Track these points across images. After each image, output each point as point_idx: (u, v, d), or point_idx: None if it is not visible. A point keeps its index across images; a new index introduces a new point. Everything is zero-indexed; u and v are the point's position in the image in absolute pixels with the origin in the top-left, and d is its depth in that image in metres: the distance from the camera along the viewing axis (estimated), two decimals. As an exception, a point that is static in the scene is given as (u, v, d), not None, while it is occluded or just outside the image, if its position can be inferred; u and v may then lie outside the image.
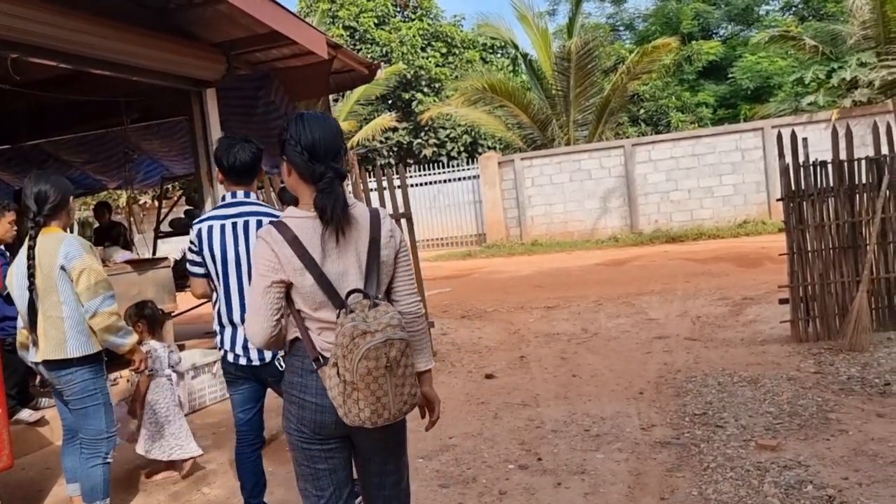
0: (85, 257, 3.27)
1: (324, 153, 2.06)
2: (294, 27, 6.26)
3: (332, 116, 2.35)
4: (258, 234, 2.13)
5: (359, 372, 1.92)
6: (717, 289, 9.08)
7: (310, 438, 2.14)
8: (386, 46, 22.57)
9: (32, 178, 3.38)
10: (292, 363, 2.15)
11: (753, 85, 22.65)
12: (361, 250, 2.10)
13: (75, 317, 3.27)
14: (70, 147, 8.59)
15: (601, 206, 17.50)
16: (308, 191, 2.09)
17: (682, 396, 4.90)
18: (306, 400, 2.11)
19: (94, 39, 5.12)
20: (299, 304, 2.09)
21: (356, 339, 1.92)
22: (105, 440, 3.38)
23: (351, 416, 1.97)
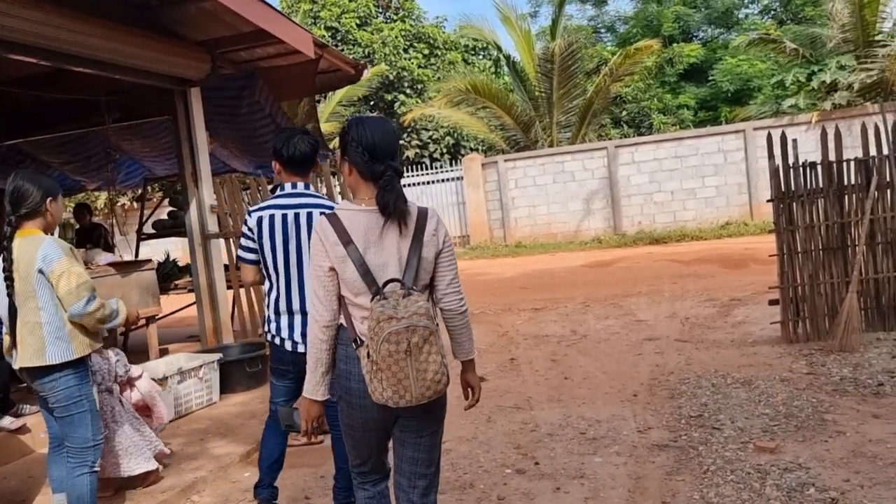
0: (64, 260, 3.15)
1: (382, 153, 2.26)
2: (280, 26, 6.15)
3: (389, 119, 2.57)
4: (315, 224, 2.35)
5: (381, 353, 2.12)
6: (704, 290, 9.10)
7: (357, 419, 2.36)
8: (368, 47, 22.45)
9: (11, 177, 3.25)
10: (339, 352, 2.34)
11: (733, 87, 22.83)
12: (403, 245, 2.28)
13: (54, 322, 3.15)
14: (49, 147, 8.40)
15: (584, 208, 17.53)
16: (366, 188, 2.29)
17: (676, 398, 4.87)
18: (351, 386, 2.32)
19: (76, 36, 4.99)
20: (343, 291, 2.29)
21: (381, 323, 2.12)
22: (92, 448, 3.26)
23: (376, 395, 2.18)
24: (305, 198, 3.31)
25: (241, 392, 5.90)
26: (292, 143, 3.28)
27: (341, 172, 2.39)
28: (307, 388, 2.38)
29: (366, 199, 2.29)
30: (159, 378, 5.18)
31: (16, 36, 4.62)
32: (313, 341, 2.33)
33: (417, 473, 2.44)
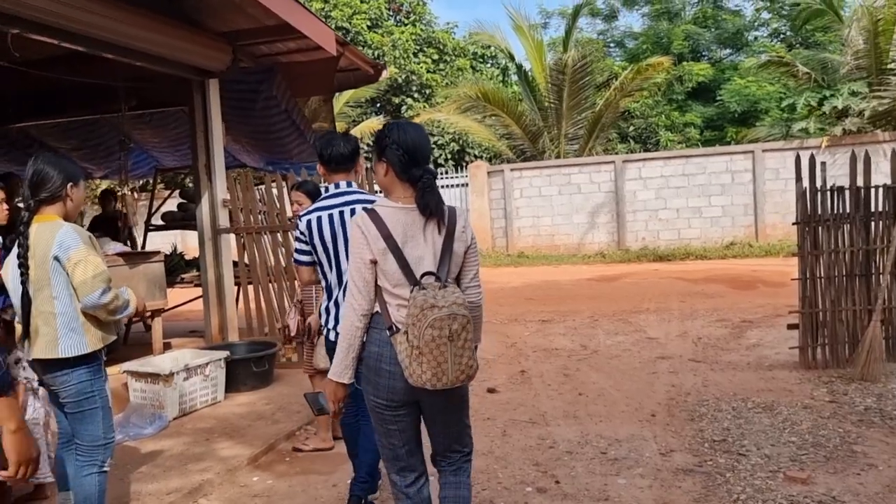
0: (82, 248, 3.01)
1: (421, 157, 2.46)
2: (304, 20, 6.05)
3: (424, 126, 2.70)
4: (354, 218, 2.51)
5: (424, 338, 2.28)
6: (714, 310, 8.99)
7: (383, 405, 2.49)
8: (378, 50, 22.34)
9: (32, 160, 3.11)
10: (372, 335, 2.47)
11: (741, 108, 22.80)
12: (438, 241, 2.46)
13: (69, 313, 3.01)
14: (58, 132, 8.26)
15: (589, 221, 17.43)
16: (402, 188, 2.47)
17: (696, 421, 4.75)
18: (382, 367, 2.45)
19: (99, 20, 4.87)
20: (381, 281, 2.44)
21: (425, 311, 2.29)
22: (102, 447, 3.11)
23: (415, 378, 2.33)
24: (348, 195, 3.42)
25: (245, 392, 5.75)
26: (331, 145, 3.43)
27: (373, 172, 2.56)
28: (335, 371, 2.50)
29: (401, 198, 2.47)
30: (165, 374, 5.05)
31: (40, 16, 4.51)
32: (349, 328, 2.46)
33: (452, 449, 2.63)
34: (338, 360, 2.49)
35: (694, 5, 28.20)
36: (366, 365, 2.49)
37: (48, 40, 4.84)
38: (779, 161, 15.99)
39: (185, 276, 7.36)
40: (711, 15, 26.72)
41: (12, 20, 4.42)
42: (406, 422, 2.53)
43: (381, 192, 2.62)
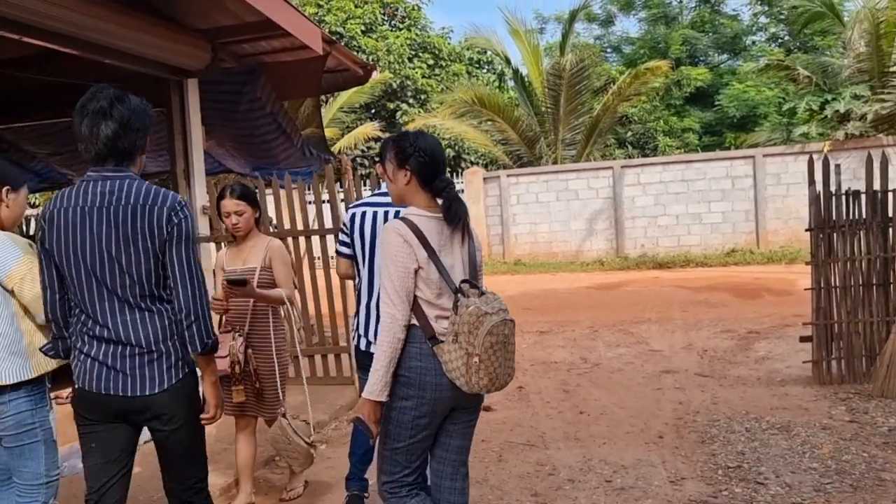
0: (23, 259, 2.67)
1: (442, 165, 2.52)
2: (288, 17, 5.70)
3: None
4: (386, 227, 2.43)
5: (483, 346, 2.27)
6: (718, 320, 8.65)
7: (425, 415, 2.42)
8: (373, 55, 22.03)
9: None
10: (411, 350, 2.39)
11: (739, 113, 22.54)
12: (463, 249, 2.50)
13: (9, 335, 2.66)
14: (33, 137, 7.89)
15: (587, 228, 17.09)
16: (423, 196, 2.49)
17: (707, 444, 4.41)
18: (427, 381, 2.39)
19: (68, 14, 4.51)
20: (422, 291, 2.39)
21: (481, 318, 2.28)
22: (44, 485, 2.75)
23: (471, 384, 2.32)
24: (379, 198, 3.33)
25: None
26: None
27: (391, 180, 2.54)
28: (374, 390, 2.36)
29: (424, 206, 2.47)
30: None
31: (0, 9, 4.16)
32: (391, 341, 2.35)
33: (460, 461, 2.62)
34: (378, 378, 2.36)
35: (691, 10, 27.98)
36: (406, 381, 2.41)
37: (12, 36, 4.48)
38: (780, 166, 15.70)
39: (165, 286, 6.99)
40: (709, 19, 26.49)
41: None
42: (432, 435, 2.52)
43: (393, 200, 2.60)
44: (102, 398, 2.34)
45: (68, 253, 2.31)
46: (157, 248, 2.31)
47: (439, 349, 2.35)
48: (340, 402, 5.66)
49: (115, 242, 2.28)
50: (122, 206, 2.29)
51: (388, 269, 2.37)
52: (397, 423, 2.44)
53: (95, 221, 2.29)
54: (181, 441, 2.42)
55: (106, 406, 2.36)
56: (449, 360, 2.33)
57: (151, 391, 2.32)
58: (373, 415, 2.39)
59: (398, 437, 2.45)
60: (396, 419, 2.44)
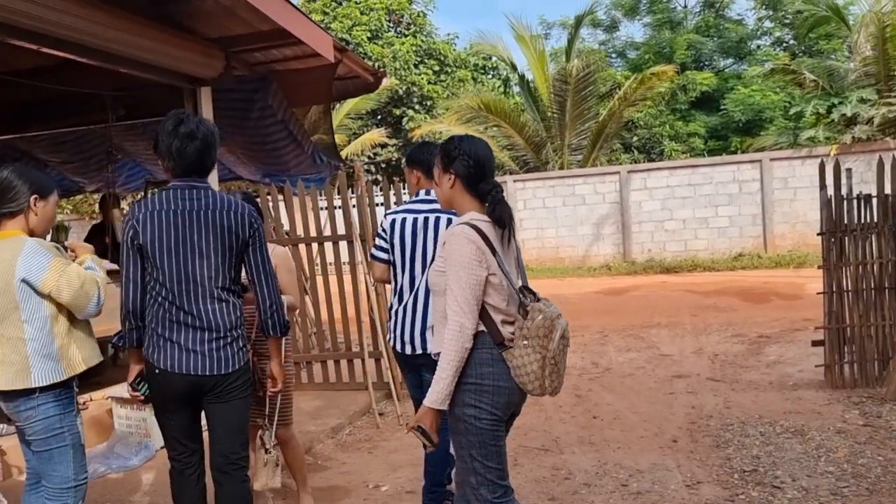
0: (55, 262, 2.71)
1: (489, 169, 2.49)
2: (300, 25, 5.75)
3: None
4: (454, 233, 2.40)
5: (559, 348, 2.32)
6: (728, 324, 8.66)
7: (499, 420, 2.42)
8: (378, 61, 22.11)
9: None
10: (481, 357, 2.38)
11: (745, 118, 22.53)
12: (513, 253, 2.51)
13: (41, 338, 2.69)
14: (47, 145, 7.95)
15: (594, 233, 17.10)
16: (471, 201, 2.47)
17: (722, 448, 4.42)
18: (500, 385, 2.39)
19: (83, 23, 4.56)
20: (492, 298, 2.38)
21: (553, 321, 2.31)
22: (73, 489, 2.78)
23: (544, 387, 2.35)
24: (435, 203, 3.34)
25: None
26: (433, 153, 3.40)
27: (437, 184, 2.56)
28: (439, 399, 2.35)
29: (474, 211, 2.46)
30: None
31: (15, 19, 4.20)
32: (459, 350, 2.33)
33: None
34: (443, 386, 2.34)
35: (696, 15, 28.02)
36: (478, 388, 2.39)
37: (28, 45, 4.54)
38: (787, 170, 15.70)
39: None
40: (714, 24, 26.51)
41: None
42: (504, 435, 2.50)
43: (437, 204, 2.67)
44: (180, 377, 2.73)
45: (163, 249, 2.72)
46: (239, 247, 2.80)
47: (509, 354, 2.35)
48: (354, 408, 5.68)
49: (206, 241, 2.74)
50: (212, 211, 2.76)
51: (460, 276, 2.34)
52: (477, 431, 2.39)
53: (189, 223, 2.74)
54: (241, 413, 2.87)
55: (181, 385, 2.75)
56: (520, 364, 2.33)
57: (227, 370, 2.76)
58: (435, 423, 2.38)
59: (483, 444, 2.40)
60: (475, 427, 2.39)
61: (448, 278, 2.37)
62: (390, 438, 5.06)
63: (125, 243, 2.76)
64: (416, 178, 3.62)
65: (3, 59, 4.74)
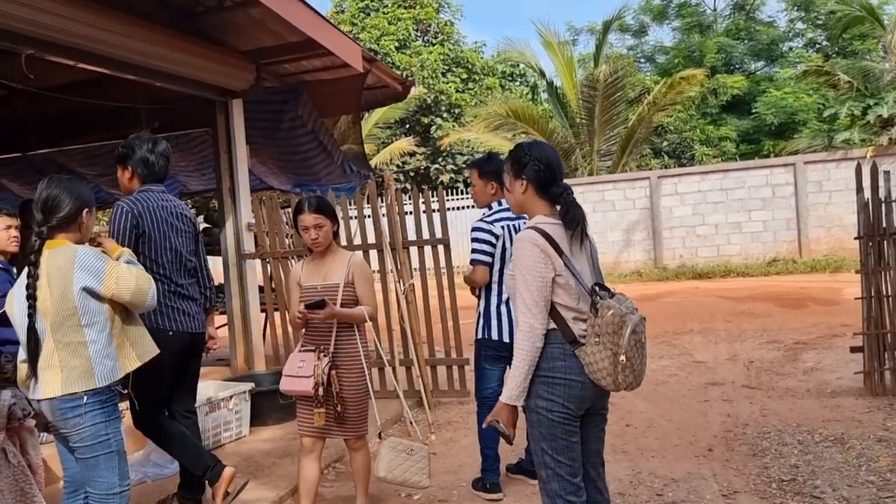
0: (110, 265, 2.81)
1: (559, 172, 2.54)
2: (329, 36, 5.81)
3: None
4: (521, 237, 2.47)
5: (630, 344, 2.32)
6: (763, 330, 8.51)
7: (572, 415, 2.45)
8: (406, 70, 22.24)
9: (44, 183, 2.88)
10: (552, 352, 2.44)
11: (777, 121, 22.19)
12: (586, 252, 2.55)
13: (102, 339, 2.77)
14: (83, 158, 8.13)
15: (624, 239, 16.97)
16: (542, 204, 2.54)
17: (759, 456, 4.34)
18: (572, 379, 2.43)
19: (118, 38, 4.67)
20: (561, 298, 2.44)
21: (625, 318, 2.33)
22: (117, 495, 2.82)
23: (618, 383, 2.37)
24: (510, 211, 3.86)
25: (272, 425, 5.46)
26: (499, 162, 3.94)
27: (509, 190, 2.61)
28: (513, 395, 2.43)
29: (545, 213, 2.53)
30: (187, 408, 4.78)
31: (55, 35, 4.32)
32: (531, 350, 2.40)
33: (600, 461, 2.68)
34: (517, 383, 2.43)
35: (726, 17, 27.71)
36: (550, 381, 2.45)
37: (65, 61, 4.65)
38: (822, 173, 15.44)
39: (211, 302, 7.11)
40: (744, 27, 26.19)
41: (26, 40, 4.23)
42: (578, 433, 2.52)
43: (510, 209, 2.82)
44: (188, 335, 3.67)
45: (163, 238, 3.60)
46: (196, 235, 3.86)
47: (581, 351, 2.40)
48: (385, 416, 5.67)
49: (185, 233, 3.73)
50: (180, 207, 3.77)
51: (526, 279, 2.41)
52: (549, 424, 2.45)
53: (174, 218, 3.68)
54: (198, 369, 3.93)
55: (188, 339, 3.67)
56: (593, 360, 2.37)
57: (204, 328, 3.84)
58: (511, 418, 2.45)
59: (554, 437, 2.45)
60: (547, 420, 2.45)
61: (516, 281, 2.45)
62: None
63: (126, 231, 3.48)
64: (493, 188, 4.03)
65: (41, 75, 4.84)
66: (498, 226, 3.94)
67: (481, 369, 4.09)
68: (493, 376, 4.04)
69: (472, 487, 4.12)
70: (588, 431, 2.58)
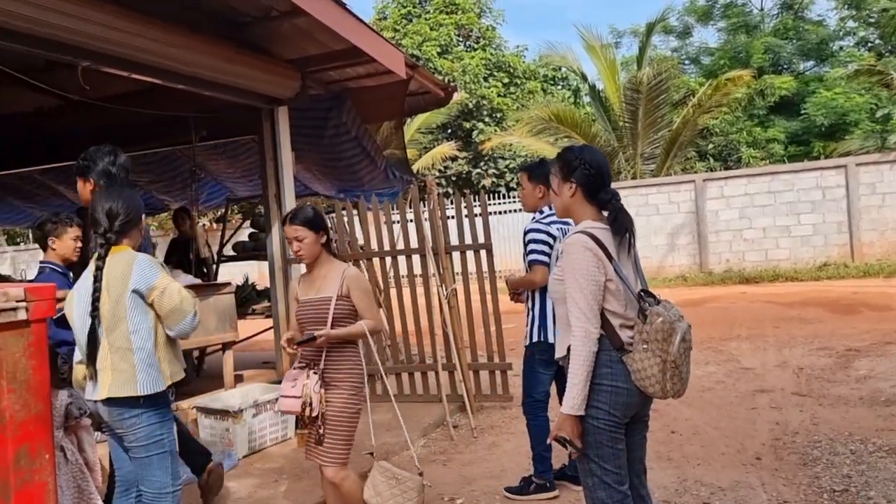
0: (163, 276, 2.90)
1: (608, 177, 2.53)
2: (373, 43, 5.89)
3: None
4: (571, 242, 2.45)
5: (679, 351, 2.31)
6: (814, 337, 8.32)
7: (617, 422, 2.43)
8: (448, 76, 22.33)
9: (103, 193, 3.02)
10: (599, 358, 2.40)
11: (828, 122, 21.65)
12: (633, 259, 2.52)
13: (147, 348, 2.85)
14: (135, 166, 8.31)
15: (669, 243, 16.74)
16: (590, 209, 2.53)
17: (810, 466, 4.24)
18: (618, 386, 2.40)
19: (169, 49, 4.81)
20: (610, 304, 2.43)
21: (674, 324, 2.32)
22: (170, 494, 2.91)
23: (666, 391, 2.36)
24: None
25: (317, 428, 5.53)
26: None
27: (556, 193, 2.59)
28: (575, 405, 2.38)
29: (593, 218, 2.50)
30: (234, 410, 4.88)
31: (110, 48, 4.47)
32: (587, 355, 2.37)
33: (643, 468, 2.66)
34: (577, 392, 2.38)
35: (773, 17, 27.15)
36: (596, 388, 2.42)
37: (118, 72, 4.81)
38: (875, 175, 15.02)
39: (257, 307, 7.26)
40: (793, 26, 25.61)
41: (83, 53, 4.39)
42: (624, 439, 2.49)
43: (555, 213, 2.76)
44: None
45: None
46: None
47: (629, 358, 2.38)
48: (428, 420, 5.72)
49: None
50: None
51: (580, 283, 2.39)
52: (595, 431, 2.42)
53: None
54: None
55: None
56: (641, 367, 2.35)
57: None
58: (576, 430, 2.41)
59: (600, 444, 2.42)
60: (593, 427, 2.42)
61: (568, 286, 2.43)
62: (464, 451, 5.07)
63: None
64: (541, 192, 4.08)
65: (96, 86, 5.01)
66: (554, 227, 4.01)
67: (534, 373, 4.11)
68: (545, 380, 4.11)
69: (519, 493, 4.11)
70: (631, 439, 2.54)
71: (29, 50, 4.13)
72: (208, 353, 7.42)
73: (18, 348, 2.33)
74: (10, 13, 3.79)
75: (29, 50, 4.13)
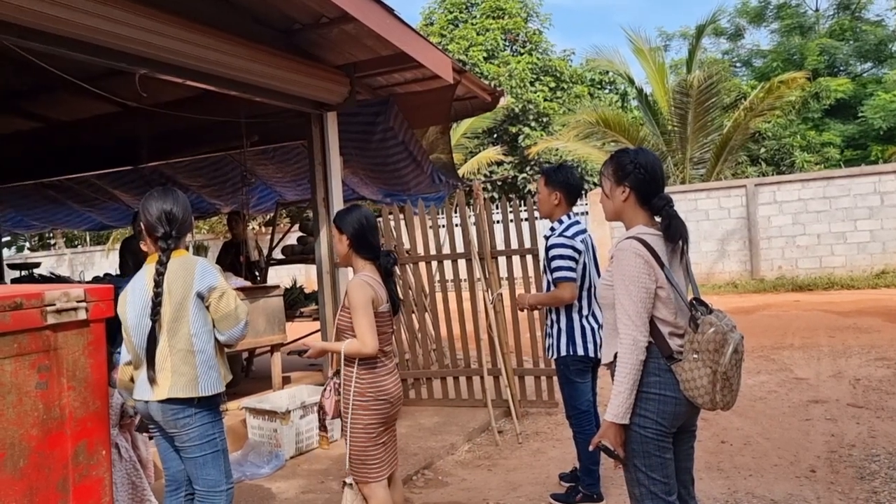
0: (222, 280, 2.98)
1: (662, 182, 2.48)
2: (421, 49, 5.92)
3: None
4: (622, 247, 2.38)
5: (731, 362, 2.26)
6: (871, 347, 8.06)
7: (665, 431, 2.38)
8: (495, 80, 22.31)
9: (157, 196, 3.00)
10: (647, 366, 2.36)
11: (886, 125, 20.99)
12: (684, 266, 2.49)
13: (207, 350, 2.93)
14: (188, 170, 8.58)
15: (719, 249, 16.40)
16: (643, 214, 2.46)
17: (867, 480, 4.11)
18: (666, 395, 2.36)
19: (223, 57, 4.91)
20: (660, 312, 2.38)
21: (726, 335, 2.25)
22: (224, 493, 2.97)
23: (716, 402, 2.30)
24: (580, 224, 4.05)
25: (363, 430, 5.57)
26: (567, 173, 4.05)
27: (607, 196, 2.52)
28: (619, 413, 2.35)
29: (643, 224, 2.44)
30: (282, 411, 4.95)
31: (166, 56, 4.58)
32: (635, 363, 2.33)
33: (690, 479, 2.60)
34: (622, 400, 2.35)
35: (829, 18, 26.47)
36: (644, 396, 2.37)
37: (174, 79, 4.93)
38: (938, 180, 14.50)
39: (305, 309, 7.36)
40: (849, 27, 24.93)
41: (140, 61, 4.51)
42: (672, 448, 2.44)
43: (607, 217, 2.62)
44: None
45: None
46: None
47: (678, 367, 2.33)
48: (473, 425, 5.71)
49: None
50: None
51: (630, 290, 2.34)
52: (642, 440, 2.37)
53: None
54: None
55: None
56: (690, 377, 2.30)
57: None
58: (618, 438, 2.38)
59: (647, 454, 2.37)
60: (640, 436, 2.37)
61: (617, 292, 2.37)
62: (510, 457, 5.05)
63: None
64: (557, 198, 4.01)
65: (151, 93, 5.15)
66: (578, 240, 3.93)
67: (572, 384, 4.06)
68: (586, 389, 4.07)
69: (566, 500, 4.09)
70: (678, 449, 2.50)
71: (91, 59, 4.27)
72: (257, 354, 7.55)
73: (79, 347, 2.40)
74: (75, 24, 3.92)
75: (91, 59, 4.27)
